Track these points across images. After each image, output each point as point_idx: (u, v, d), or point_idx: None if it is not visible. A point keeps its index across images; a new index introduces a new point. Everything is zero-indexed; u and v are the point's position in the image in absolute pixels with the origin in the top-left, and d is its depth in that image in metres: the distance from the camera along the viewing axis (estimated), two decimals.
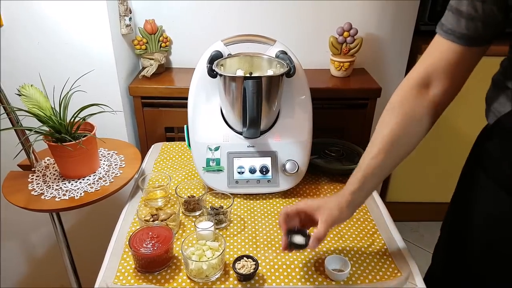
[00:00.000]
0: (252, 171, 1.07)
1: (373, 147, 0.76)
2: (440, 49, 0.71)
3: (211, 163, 1.07)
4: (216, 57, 1.05)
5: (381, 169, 0.77)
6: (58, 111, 1.02)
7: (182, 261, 0.86)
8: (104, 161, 1.15)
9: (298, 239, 0.79)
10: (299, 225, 0.80)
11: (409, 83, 0.75)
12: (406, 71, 1.64)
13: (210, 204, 1.04)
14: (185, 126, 1.12)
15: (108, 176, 1.09)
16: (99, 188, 1.04)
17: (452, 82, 0.72)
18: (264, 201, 1.07)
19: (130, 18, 1.36)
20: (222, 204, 1.04)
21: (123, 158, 1.17)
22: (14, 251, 1.60)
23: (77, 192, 1.02)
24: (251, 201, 1.07)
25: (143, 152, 1.38)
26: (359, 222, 1.00)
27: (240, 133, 1.08)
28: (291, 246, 0.78)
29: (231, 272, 0.84)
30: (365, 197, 0.80)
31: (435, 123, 0.78)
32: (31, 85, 1.01)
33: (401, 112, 0.74)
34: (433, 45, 0.73)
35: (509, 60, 0.73)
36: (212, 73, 1.02)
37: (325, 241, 0.93)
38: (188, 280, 0.82)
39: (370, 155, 0.76)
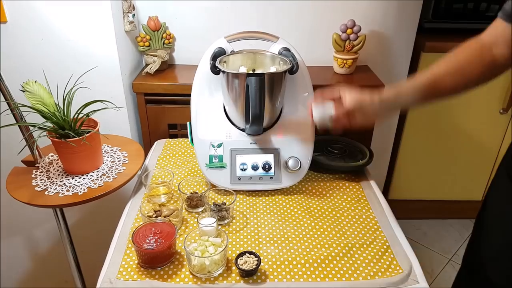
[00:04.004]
0: (255, 167, 1.07)
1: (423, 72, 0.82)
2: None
3: (213, 160, 1.07)
4: (219, 54, 1.05)
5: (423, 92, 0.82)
6: (62, 107, 1.03)
7: (185, 256, 0.87)
8: (108, 157, 1.16)
9: (328, 109, 0.89)
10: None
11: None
12: (409, 68, 1.64)
13: (212, 201, 1.04)
14: (188, 122, 1.13)
15: (111, 172, 1.09)
16: (102, 184, 1.04)
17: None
18: (267, 197, 1.08)
19: (134, 15, 1.36)
20: (224, 201, 1.04)
21: (126, 155, 1.17)
22: (18, 247, 1.61)
23: (81, 188, 1.03)
24: (254, 198, 1.07)
25: (146, 148, 1.39)
26: (361, 219, 1.00)
27: (243, 130, 1.08)
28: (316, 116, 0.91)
29: (234, 268, 0.84)
30: (391, 107, 0.89)
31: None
32: (35, 81, 1.02)
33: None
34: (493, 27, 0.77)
35: None
36: (215, 70, 1.02)
37: (327, 238, 0.93)
38: (191, 276, 0.83)
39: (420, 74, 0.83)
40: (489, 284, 0.90)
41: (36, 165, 1.12)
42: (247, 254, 0.85)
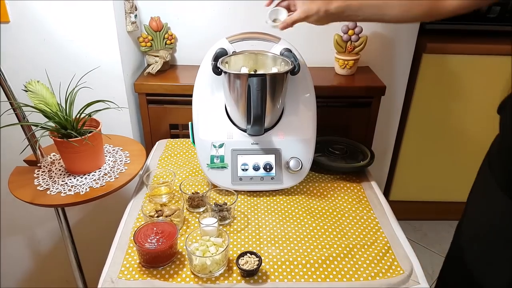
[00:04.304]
0: (256, 168, 1.08)
1: None
2: None
3: (215, 160, 1.08)
4: (221, 55, 1.06)
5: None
6: (64, 107, 1.03)
7: (186, 256, 0.87)
8: (109, 157, 1.16)
9: (281, 14, 0.96)
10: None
11: None
12: (411, 69, 1.64)
13: (214, 201, 1.05)
14: (189, 123, 1.13)
15: (113, 172, 1.09)
16: (104, 184, 1.05)
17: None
18: (268, 198, 1.08)
19: (136, 15, 1.36)
20: (226, 201, 1.04)
21: (128, 155, 1.18)
22: (19, 247, 1.61)
23: (83, 188, 1.03)
24: (255, 198, 1.08)
25: (148, 148, 1.39)
26: (362, 220, 1.00)
27: (244, 130, 1.09)
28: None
29: (235, 268, 0.84)
30: (337, 18, 0.91)
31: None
32: (38, 81, 1.02)
33: None
34: None
35: None
36: (217, 71, 1.02)
37: (328, 238, 0.94)
38: (192, 276, 0.83)
39: None
40: (466, 271, 0.91)
41: (38, 164, 1.12)
42: (248, 254, 0.86)
